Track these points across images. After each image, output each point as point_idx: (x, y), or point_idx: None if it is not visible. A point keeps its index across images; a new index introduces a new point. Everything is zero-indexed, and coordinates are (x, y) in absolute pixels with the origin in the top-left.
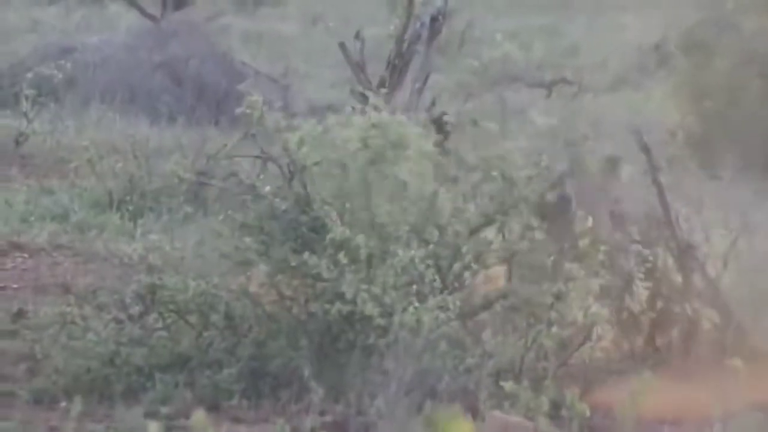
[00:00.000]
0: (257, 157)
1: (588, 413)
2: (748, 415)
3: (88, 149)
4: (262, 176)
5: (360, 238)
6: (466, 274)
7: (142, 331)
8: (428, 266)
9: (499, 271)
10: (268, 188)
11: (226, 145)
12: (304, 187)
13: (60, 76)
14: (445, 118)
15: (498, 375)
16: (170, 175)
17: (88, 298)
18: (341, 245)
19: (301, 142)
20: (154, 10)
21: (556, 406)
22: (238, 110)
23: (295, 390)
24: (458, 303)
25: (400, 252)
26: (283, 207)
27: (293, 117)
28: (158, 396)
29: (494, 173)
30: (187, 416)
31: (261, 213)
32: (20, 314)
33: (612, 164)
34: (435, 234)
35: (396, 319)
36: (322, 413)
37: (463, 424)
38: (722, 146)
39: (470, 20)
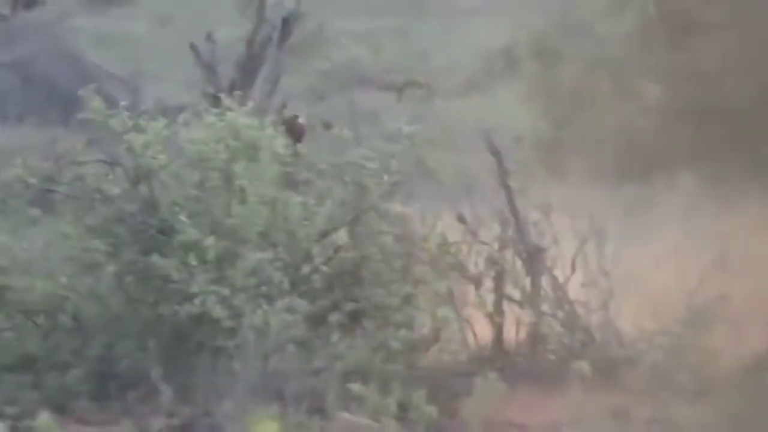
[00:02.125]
0: (103, 161)
1: (435, 415)
2: (595, 419)
3: None
4: (110, 177)
5: (209, 240)
6: (315, 277)
7: None
8: (277, 269)
9: None
10: (116, 191)
11: (74, 147)
12: (151, 189)
13: None
14: (297, 119)
15: (346, 377)
16: (16, 180)
17: None
18: (190, 247)
19: (146, 145)
20: (4, 9)
21: (403, 408)
22: (80, 115)
23: (143, 391)
24: (306, 305)
25: (249, 255)
26: (131, 210)
27: (141, 117)
28: (4, 396)
29: (346, 179)
30: (33, 417)
31: (109, 216)
32: None
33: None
34: (283, 237)
35: (244, 321)
36: (169, 415)
37: (269, 424)
38: (571, 151)
39: (321, 23)
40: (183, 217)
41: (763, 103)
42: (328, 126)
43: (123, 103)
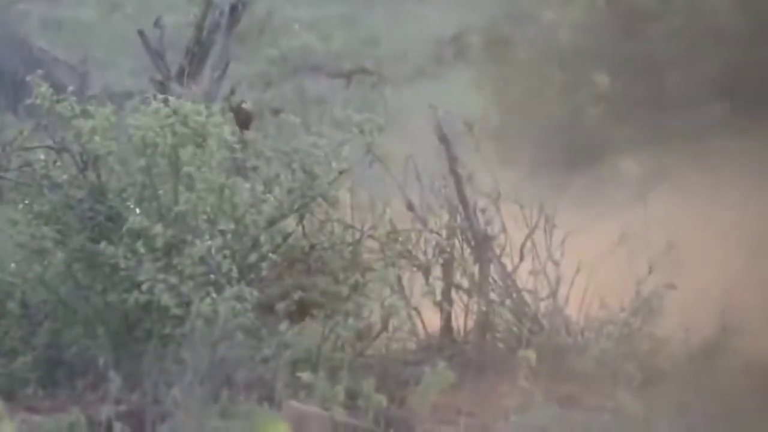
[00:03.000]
0: (50, 147)
1: (384, 404)
2: (543, 406)
3: None
4: (59, 164)
5: (157, 228)
6: (263, 264)
7: None
8: (225, 256)
9: None
10: (64, 177)
11: (21, 133)
12: (98, 176)
13: None
14: (244, 106)
15: (295, 365)
16: None
17: None
18: (138, 234)
19: (93, 131)
20: None
21: (352, 397)
22: (28, 101)
23: (91, 379)
24: (255, 293)
25: (198, 242)
26: (79, 196)
27: (89, 103)
28: None
29: (294, 166)
30: None
31: (57, 202)
32: None
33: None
34: (231, 225)
35: (193, 309)
36: (118, 402)
37: (281, 426)
38: (521, 139)
39: (270, 9)
40: (131, 204)
41: (712, 91)
42: (276, 112)
43: (71, 88)
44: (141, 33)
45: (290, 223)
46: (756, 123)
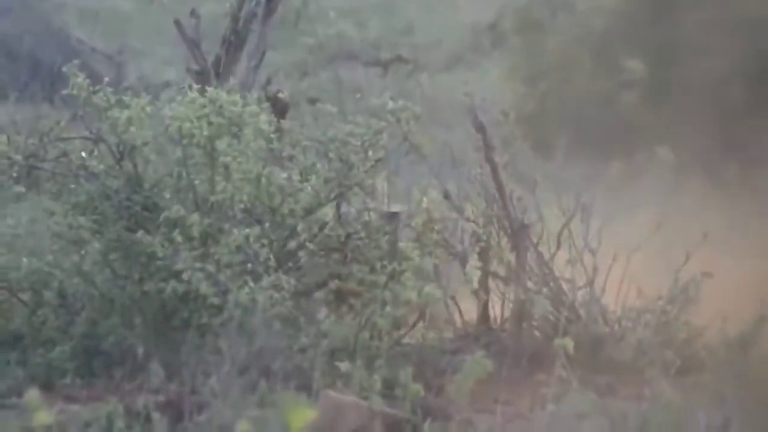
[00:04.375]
0: (86, 138)
1: (421, 393)
2: (580, 395)
3: None
4: (95, 154)
5: (194, 217)
6: (300, 253)
7: None
8: (263, 245)
9: None
10: (100, 167)
11: (58, 123)
12: (135, 166)
13: None
14: (280, 95)
15: (332, 354)
16: (0, 156)
17: None
18: (175, 224)
19: (129, 122)
20: None
21: (389, 386)
22: (65, 91)
23: (129, 369)
24: (293, 282)
25: (235, 231)
26: (115, 186)
27: (125, 93)
28: None
29: (331, 155)
30: (19, 394)
31: (93, 192)
32: None
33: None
34: (268, 214)
35: (230, 298)
36: (155, 392)
37: (306, 409)
38: (556, 126)
39: None
40: (167, 194)
41: (745, 77)
42: (313, 101)
43: (107, 79)
44: (177, 23)
45: (327, 212)
46: None
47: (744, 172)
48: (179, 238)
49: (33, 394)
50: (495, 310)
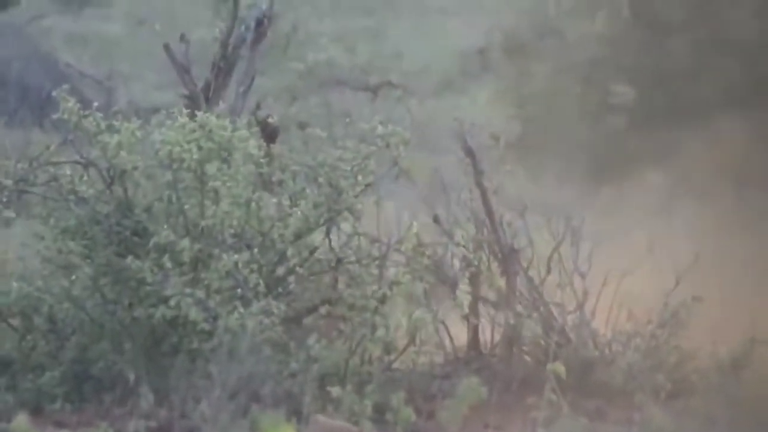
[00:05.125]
0: (76, 162)
1: (413, 417)
2: (570, 419)
3: None
4: (85, 178)
5: (184, 242)
6: (291, 278)
7: None
8: (252, 271)
9: None
10: (90, 192)
11: (48, 147)
12: (125, 191)
13: None
14: (269, 120)
15: (322, 379)
16: None
17: None
18: (165, 249)
19: (119, 146)
20: None
21: (380, 411)
22: (54, 116)
23: (119, 394)
24: (282, 307)
25: (225, 256)
26: (105, 211)
27: (115, 118)
28: None
29: (320, 180)
30: (8, 419)
31: (83, 217)
32: None
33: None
34: (258, 238)
35: (220, 323)
36: (146, 417)
37: (286, 427)
38: (546, 151)
39: (295, 23)
40: (157, 219)
41: (733, 100)
42: (302, 126)
43: (96, 103)
44: (167, 48)
45: (317, 237)
46: None
47: (735, 194)
48: (169, 264)
49: (22, 419)
50: (485, 335)
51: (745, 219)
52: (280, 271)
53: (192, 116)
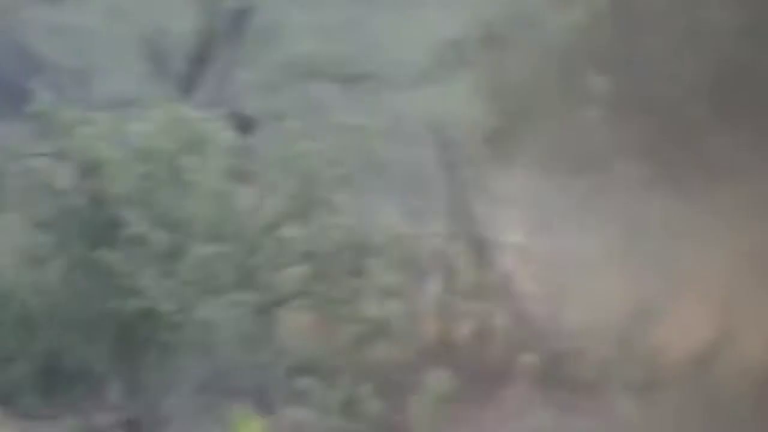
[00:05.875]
0: (51, 154)
1: (382, 410)
2: (543, 412)
3: None
4: (59, 171)
5: (157, 234)
6: (263, 270)
7: None
8: (225, 262)
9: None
10: (65, 184)
11: (23, 141)
12: (99, 183)
13: None
14: (246, 112)
15: (293, 372)
16: None
17: None
18: (138, 241)
19: (94, 138)
20: None
21: (350, 403)
22: (29, 109)
23: (90, 386)
24: (254, 299)
25: (197, 248)
26: (79, 203)
27: (92, 110)
28: None
29: (294, 171)
30: None
31: (57, 209)
32: None
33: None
34: (231, 230)
35: (192, 315)
36: (116, 410)
37: (255, 420)
38: (522, 143)
39: (272, 15)
40: (130, 211)
41: (710, 93)
42: (279, 118)
43: (72, 95)
44: (144, 39)
45: (291, 229)
46: (751, 123)
47: (710, 187)
48: (142, 255)
49: None
50: (457, 327)
51: (719, 212)
52: (253, 262)
53: (167, 109)
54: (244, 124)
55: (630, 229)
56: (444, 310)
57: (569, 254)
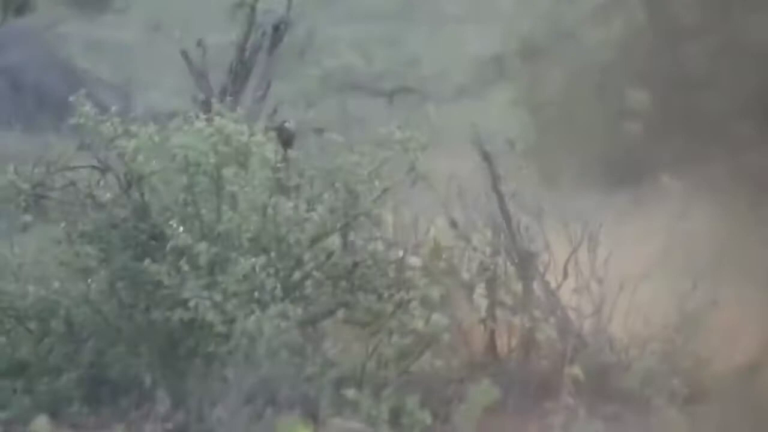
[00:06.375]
0: (93, 167)
1: (428, 421)
2: (587, 424)
3: None
4: (102, 183)
5: (201, 246)
6: (307, 282)
7: None
8: (269, 274)
9: None
10: (107, 196)
11: (65, 152)
12: (142, 195)
13: None
14: (287, 125)
15: (339, 383)
16: (8, 186)
17: None
18: (182, 252)
19: (136, 151)
20: None
21: (396, 414)
22: (71, 121)
23: (136, 397)
24: (299, 311)
25: (242, 260)
26: (122, 215)
27: (132, 123)
28: None
29: (337, 184)
30: (25, 422)
31: (100, 221)
32: None
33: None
34: (275, 243)
35: (237, 326)
36: (162, 420)
37: (303, 431)
38: (562, 156)
39: (311, 28)
40: (174, 223)
41: (751, 107)
42: (319, 131)
43: (114, 108)
44: (184, 53)
45: (333, 241)
46: None
47: (752, 200)
48: (186, 267)
49: (41, 421)
50: (502, 339)
51: (762, 225)
52: (297, 275)
53: (209, 121)
54: (285, 137)
55: (673, 243)
56: (489, 323)
57: (613, 267)
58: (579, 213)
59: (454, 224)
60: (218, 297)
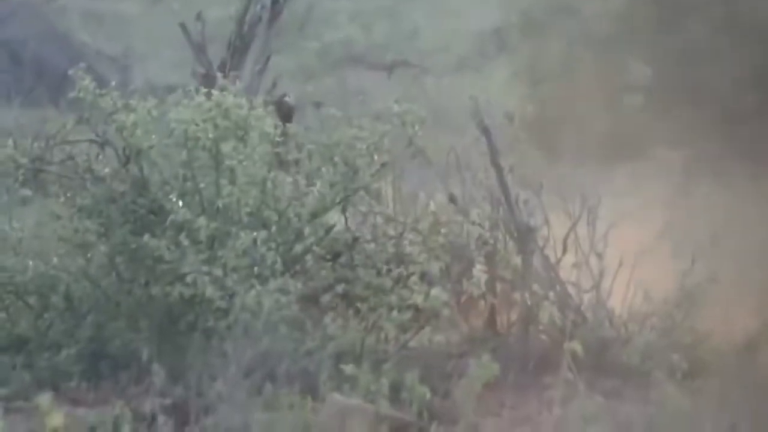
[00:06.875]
0: (92, 141)
1: (428, 396)
2: (587, 398)
3: None
4: (101, 157)
5: (201, 220)
6: (307, 257)
7: None
8: (269, 249)
9: None
10: (106, 170)
11: (64, 126)
12: (141, 170)
13: None
14: (286, 99)
15: (338, 358)
16: (7, 160)
17: None
18: (182, 227)
19: (135, 125)
20: None
21: (396, 389)
22: (70, 95)
23: (135, 372)
24: (299, 286)
25: (242, 234)
26: (121, 190)
27: (131, 96)
28: None
29: (336, 159)
30: (25, 398)
31: (99, 196)
32: None
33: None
34: (274, 217)
35: (237, 301)
36: (162, 395)
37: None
38: (562, 130)
39: (310, 2)
40: (173, 197)
41: (752, 81)
42: (318, 105)
43: (113, 82)
44: (183, 26)
45: (333, 216)
46: None
47: (752, 175)
48: (186, 242)
49: (45, 398)
50: (501, 314)
51: (762, 201)
52: (297, 249)
53: (208, 95)
54: (285, 111)
55: (672, 217)
56: (489, 298)
57: (612, 242)
58: (578, 187)
59: (452, 198)
60: (218, 271)
